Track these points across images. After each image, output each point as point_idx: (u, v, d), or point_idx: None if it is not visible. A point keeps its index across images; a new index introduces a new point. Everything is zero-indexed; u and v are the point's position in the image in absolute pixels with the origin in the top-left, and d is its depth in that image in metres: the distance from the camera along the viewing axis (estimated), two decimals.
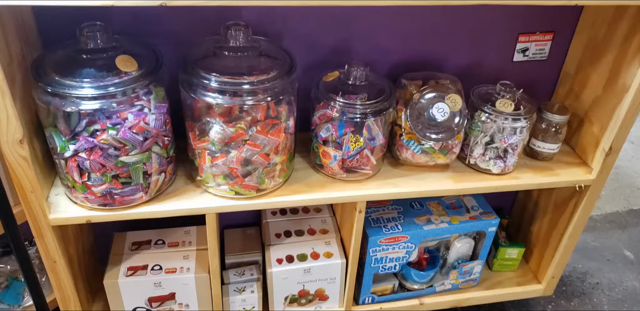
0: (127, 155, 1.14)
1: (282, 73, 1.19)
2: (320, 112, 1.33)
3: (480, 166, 1.45)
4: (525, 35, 1.53)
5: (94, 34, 1.09)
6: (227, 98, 1.14)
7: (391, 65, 1.51)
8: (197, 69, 1.15)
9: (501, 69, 1.58)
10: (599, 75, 1.46)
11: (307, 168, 1.42)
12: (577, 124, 1.56)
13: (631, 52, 1.34)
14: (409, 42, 1.48)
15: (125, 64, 1.09)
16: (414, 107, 1.35)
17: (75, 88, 1.04)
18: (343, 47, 1.45)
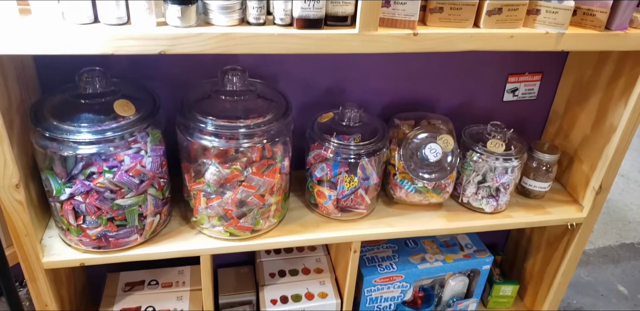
0: (123, 197, 1.14)
1: (278, 116, 1.21)
2: (314, 152, 1.35)
3: (473, 205, 1.47)
4: (514, 75, 1.57)
5: (93, 79, 1.11)
6: (224, 141, 1.16)
7: (384, 105, 1.54)
8: (194, 113, 1.16)
9: (492, 108, 1.61)
10: (587, 115, 1.49)
11: (301, 207, 1.43)
12: (567, 162, 1.59)
13: (617, 93, 1.37)
14: (401, 84, 1.51)
15: (123, 108, 1.10)
16: (407, 147, 1.37)
17: (72, 133, 1.05)
18: (337, 89, 1.48)
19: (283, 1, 1.02)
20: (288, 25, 1.05)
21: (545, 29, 1.16)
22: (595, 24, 1.18)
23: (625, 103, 1.34)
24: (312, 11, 1.03)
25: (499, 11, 1.13)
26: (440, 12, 1.12)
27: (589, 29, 1.19)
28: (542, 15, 1.15)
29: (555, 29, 1.16)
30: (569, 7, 1.13)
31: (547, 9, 1.15)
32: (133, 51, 0.97)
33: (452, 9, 1.12)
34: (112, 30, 0.96)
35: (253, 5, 1.02)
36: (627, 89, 1.34)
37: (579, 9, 1.18)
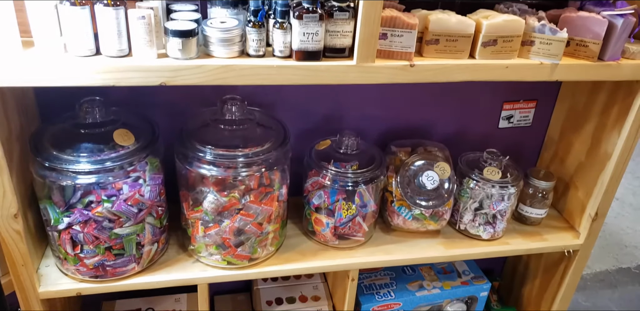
0: (121, 226, 1.14)
1: (276, 144, 1.22)
2: (312, 180, 1.35)
3: (470, 232, 1.47)
4: (509, 103, 1.59)
5: (93, 109, 1.12)
6: (222, 170, 1.16)
7: (380, 132, 1.56)
8: (193, 142, 1.17)
9: (487, 135, 1.63)
10: (582, 142, 1.51)
11: (299, 234, 1.43)
12: (563, 189, 1.60)
13: (611, 122, 1.39)
14: (398, 111, 1.53)
15: (123, 137, 1.11)
16: (404, 175, 1.38)
17: (72, 163, 1.06)
18: (334, 116, 1.50)
19: (282, 34, 1.04)
20: (287, 57, 1.07)
21: (540, 60, 1.18)
22: (589, 55, 1.21)
23: (619, 131, 1.36)
24: (311, 44, 1.05)
25: (494, 42, 1.15)
26: (436, 43, 1.14)
27: (582, 59, 1.21)
28: (536, 46, 1.18)
29: (550, 60, 1.18)
30: (562, 38, 1.16)
31: (541, 41, 1.17)
32: (134, 83, 0.98)
33: (448, 40, 1.14)
34: (114, 62, 0.97)
35: (253, 37, 1.03)
36: (620, 118, 1.35)
37: (572, 40, 1.20)
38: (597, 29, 1.18)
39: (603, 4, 1.26)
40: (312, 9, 1.02)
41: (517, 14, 1.21)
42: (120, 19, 0.95)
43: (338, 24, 1.06)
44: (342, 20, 1.06)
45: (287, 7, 1.03)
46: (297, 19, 1.02)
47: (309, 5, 1.01)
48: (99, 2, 0.93)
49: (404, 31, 1.09)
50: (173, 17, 1.04)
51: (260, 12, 1.03)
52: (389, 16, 1.08)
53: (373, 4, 1.01)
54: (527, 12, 1.23)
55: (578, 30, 1.20)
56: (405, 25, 1.09)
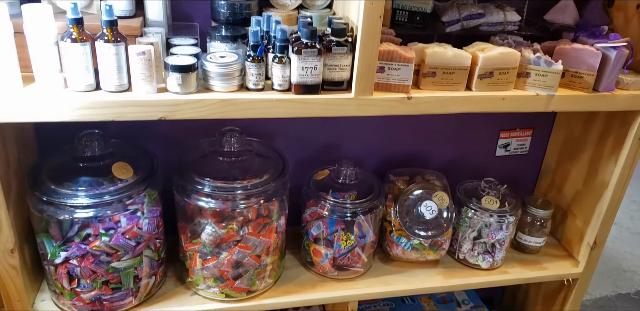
0: (119, 260, 1.13)
1: (275, 175, 1.22)
2: (311, 210, 1.35)
3: (469, 261, 1.46)
4: (506, 131, 1.60)
5: (92, 143, 1.12)
6: (221, 202, 1.16)
7: (378, 161, 1.56)
8: (192, 174, 1.17)
9: (485, 163, 1.63)
10: (579, 170, 1.52)
11: (297, 265, 1.41)
12: (561, 216, 1.60)
13: (607, 151, 1.40)
14: (395, 140, 1.53)
15: (122, 171, 1.11)
16: (403, 204, 1.38)
17: (70, 198, 1.05)
18: (332, 145, 1.50)
19: (281, 68, 1.05)
20: (286, 90, 1.08)
21: (536, 91, 1.20)
22: (583, 86, 1.22)
23: (616, 160, 1.37)
24: (310, 78, 1.06)
25: (490, 75, 1.17)
26: (433, 76, 1.15)
27: (577, 90, 1.23)
28: (532, 78, 1.19)
29: (545, 91, 1.19)
30: (557, 70, 1.17)
31: (536, 72, 1.18)
32: (133, 117, 0.99)
33: (444, 73, 1.15)
34: (114, 97, 0.97)
35: (252, 72, 1.04)
36: (616, 147, 1.36)
37: (567, 71, 1.22)
38: (591, 60, 1.20)
39: (596, 35, 1.28)
40: (310, 44, 1.03)
41: (513, 46, 1.23)
42: (120, 54, 0.95)
43: (336, 58, 1.07)
44: (340, 55, 1.07)
45: (286, 42, 1.04)
46: (296, 54, 1.03)
47: (308, 41, 1.03)
48: (99, 38, 0.94)
49: (401, 65, 1.10)
50: (173, 52, 1.04)
51: (260, 47, 1.04)
52: (386, 50, 1.09)
53: (371, 39, 1.02)
54: (522, 44, 1.25)
55: (573, 61, 1.21)
56: (403, 59, 1.10)
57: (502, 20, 1.30)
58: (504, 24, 1.31)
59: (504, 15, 1.30)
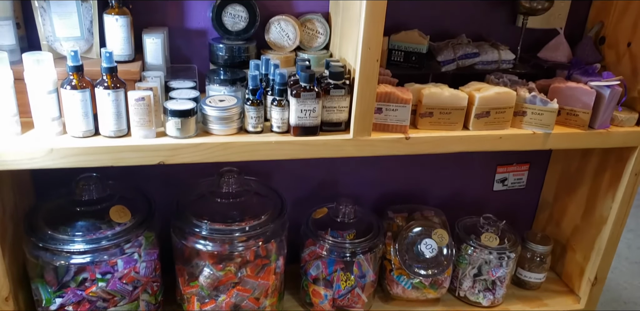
0: (115, 306, 1.11)
1: (274, 216, 1.21)
2: (309, 249, 1.33)
3: (470, 299, 1.45)
4: (503, 166, 1.60)
5: (89, 186, 1.11)
6: (219, 245, 1.15)
7: (377, 197, 1.55)
8: (189, 216, 1.16)
9: (483, 198, 1.63)
10: (577, 204, 1.52)
11: (296, 306, 1.39)
12: (560, 251, 1.59)
13: (604, 185, 1.40)
14: (393, 175, 1.53)
15: (119, 214, 1.10)
16: (402, 242, 1.37)
17: (67, 243, 1.04)
18: (330, 181, 1.50)
19: (280, 111, 1.05)
20: (285, 132, 1.08)
21: (532, 129, 1.20)
22: (579, 124, 1.23)
23: (613, 195, 1.37)
24: (309, 120, 1.06)
25: (487, 114, 1.17)
26: (430, 116, 1.16)
27: (573, 127, 1.24)
28: (528, 116, 1.20)
29: (542, 129, 1.20)
30: (553, 109, 1.18)
31: (532, 111, 1.19)
32: (132, 162, 0.98)
33: (441, 113, 1.16)
34: (113, 142, 0.97)
35: (251, 115, 1.05)
36: (613, 182, 1.37)
37: (563, 109, 1.23)
38: (585, 99, 1.21)
39: (590, 73, 1.29)
40: (309, 87, 1.03)
41: (508, 85, 1.24)
42: (119, 100, 0.96)
43: (334, 100, 1.08)
44: (339, 97, 1.07)
45: (285, 86, 1.05)
46: (295, 97, 1.03)
47: (306, 84, 1.03)
48: (99, 84, 0.94)
49: (398, 106, 1.11)
50: (172, 96, 1.05)
51: (259, 91, 1.04)
52: (384, 92, 1.10)
53: (368, 82, 1.03)
54: (517, 82, 1.26)
55: (568, 100, 1.22)
56: (400, 100, 1.11)
57: (496, 58, 1.32)
58: (498, 62, 1.33)
59: (498, 54, 1.32)
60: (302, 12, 1.26)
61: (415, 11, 1.33)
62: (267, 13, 1.22)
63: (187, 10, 1.19)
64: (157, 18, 1.18)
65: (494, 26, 1.40)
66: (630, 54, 1.32)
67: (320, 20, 1.23)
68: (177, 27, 1.20)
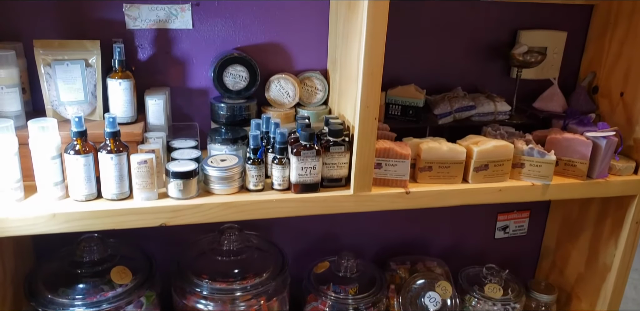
0: None
1: (275, 273, 1.20)
2: (311, 305, 1.32)
3: None
4: (503, 214, 1.60)
5: (91, 248, 1.11)
6: (220, 304, 1.14)
7: (378, 248, 1.55)
8: (190, 275, 1.15)
9: (485, 246, 1.62)
10: (579, 251, 1.51)
11: None
12: (565, 300, 1.57)
13: (606, 232, 1.40)
14: (394, 226, 1.53)
15: (120, 275, 1.09)
16: (406, 296, 1.35)
17: (67, 307, 1.03)
18: (331, 234, 1.49)
19: (281, 169, 1.06)
20: (286, 189, 1.09)
21: (531, 181, 1.21)
22: (577, 174, 1.24)
23: (616, 243, 1.37)
24: (309, 177, 1.07)
25: (485, 167, 1.18)
26: (429, 170, 1.17)
27: (571, 178, 1.25)
28: (526, 168, 1.21)
29: (541, 181, 1.21)
30: (551, 161, 1.19)
31: (530, 163, 1.21)
32: (134, 225, 0.99)
33: (440, 167, 1.17)
34: (115, 205, 0.98)
35: (252, 174, 1.05)
36: (615, 229, 1.37)
37: (560, 160, 1.24)
38: (582, 149, 1.22)
39: (585, 123, 1.31)
40: (309, 145, 1.05)
41: (505, 137, 1.26)
42: (122, 164, 0.97)
43: (334, 157, 1.09)
44: (338, 153, 1.09)
45: (285, 144, 1.06)
46: (296, 156, 1.05)
47: (306, 142, 1.05)
48: (102, 149, 0.96)
49: (397, 161, 1.12)
50: (174, 156, 1.06)
51: (260, 150, 1.06)
52: (383, 147, 1.11)
53: (367, 139, 1.05)
54: (514, 134, 1.28)
55: (565, 150, 1.24)
56: (399, 156, 1.12)
57: (492, 110, 1.34)
58: (494, 113, 1.35)
59: (494, 105, 1.34)
60: (301, 69, 1.29)
61: (410, 66, 1.36)
62: (267, 71, 1.25)
63: (188, 71, 1.22)
64: (159, 78, 1.21)
65: (489, 78, 1.43)
66: (623, 103, 1.35)
67: (319, 78, 1.26)
68: (179, 87, 1.23)
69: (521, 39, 1.39)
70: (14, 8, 1.09)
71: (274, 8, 1.22)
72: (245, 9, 1.20)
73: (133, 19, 1.13)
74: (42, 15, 1.11)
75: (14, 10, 1.09)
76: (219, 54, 1.21)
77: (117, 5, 1.13)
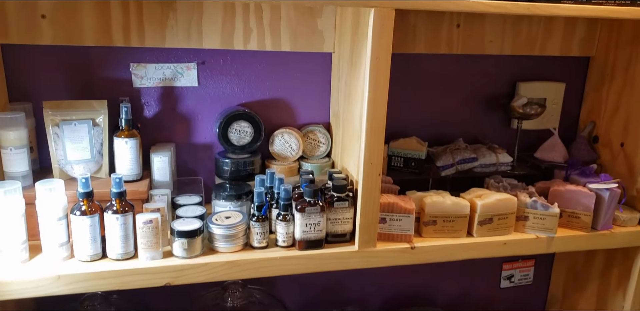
0: None
1: None
2: None
3: None
4: (508, 263, 1.59)
5: (94, 306, 1.10)
6: None
7: (384, 299, 1.53)
8: None
9: (491, 295, 1.60)
10: (587, 301, 1.49)
11: None
12: None
13: (613, 282, 1.39)
14: (400, 278, 1.52)
15: None
16: None
17: None
18: (335, 285, 1.48)
19: (285, 226, 1.06)
20: (290, 246, 1.08)
21: (536, 234, 1.21)
22: (582, 226, 1.24)
23: (624, 293, 1.35)
24: (313, 233, 1.07)
25: (489, 221, 1.18)
26: (434, 224, 1.17)
27: (576, 230, 1.24)
28: (530, 221, 1.21)
29: (545, 233, 1.21)
30: (554, 213, 1.19)
31: (534, 216, 1.21)
32: (139, 285, 0.98)
33: (445, 221, 1.17)
34: (120, 266, 0.97)
35: (257, 231, 1.06)
36: (622, 280, 1.35)
37: (564, 211, 1.24)
38: (586, 201, 1.23)
39: (587, 174, 1.32)
40: (313, 202, 1.05)
41: (508, 189, 1.26)
42: (128, 224, 0.97)
43: (339, 212, 1.09)
44: (343, 209, 1.09)
45: (289, 201, 1.07)
46: (300, 212, 1.05)
47: (311, 199, 1.05)
48: (108, 209, 0.96)
49: (402, 216, 1.12)
50: (178, 214, 1.06)
51: (264, 207, 1.06)
52: (387, 202, 1.12)
53: (371, 195, 1.05)
54: (517, 187, 1.28)
55: (568, 202, 1.24)
56: (403, 211, 1.12)
57: (494, 161, 1.35)
58: (496, 165, 1.36)
59: (496, 157, 1.35)
60: (304, 123, 1.31)
61: (412, 117, 1.38)
62: (271, 125, 1.26)
63: (193, 127, 1.24)
64: (165, 134, 1.22)
65: (490, 128, 1.45)
66: (624, 153, 1.36)
67: (322, 131, 1.28)
68: (184, 142, 1.24)
69: (520, 91, 1.42)
70: (24, 69, 1.12)
71: (277, 65, 1.25)
72: (250, 66, 1.23)
73: (140, 77, 1.16)
74: (51, 76, 1.13)
75: (24, 72, 1.12)
76: (224, 110, 1.23)
77: (124, 64, 1.16)
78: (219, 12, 1.16)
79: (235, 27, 1.17)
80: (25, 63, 1.11)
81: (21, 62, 1.11)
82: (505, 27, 1.35)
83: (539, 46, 1.39)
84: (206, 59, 1.19)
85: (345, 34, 1.15)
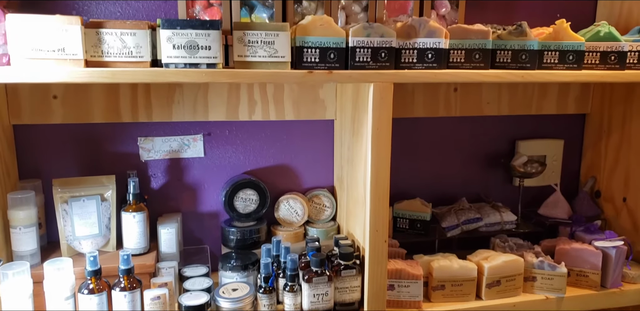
0: None
1: None
2: None
3: None
4: None
5: None
6: None
7: None
8: None
9: None
10: None
11: None
12: None
13: None
14: None
15: None
16: None
17: None
18: None
19: (292, 296, 1.06)
20: None
21: (545, 294, 1.20)
22: (591, 284, 1.23)
23: None
24: (321, 304, 1.06)
25: (497, 283, 1.18)
26: (442, 289, 1.16)
27: (585, 288, 1.24)
28: (538, 281, 1.20)
29: (554, 294, 1.20)
30: (562, 273, 1.19)
31: (542, 276, 1.20)
32: None
33: (453, 285, 1.16)
34: None
35: (264, 303, 1.05)
36: None
37: (572, 270, 1.24)
38: (593, 260, 1.22)
39: (592, 231, 1.32)
40: (320, 271, 1.05)
41: (514, 249, 1.26)
42: (135, 300, 0.97)
43: (346, 280, 1.09)
44: (350, 277, 1.09)
45: (296, 271, 1.07)
46: (307, 282, 1.05)
47: (317, 269, 1.05)
48: (116, 286, 0.96)
49: (410, 282, 1.12)
50: (185, 287, 1.06)
51: (271, 279, 1.06)
52: (394, 269, 1.12)
53: (378, 262, 1.05)
54: (523, 246, 1.29)
55: (575, 261, 1.24)
56: (411, 276, 1.12)
57: (499, 220, 1.36)
58: (501, 224, 1.36)
59: (500, 216, 1.36)
60: (309, 187, 1.32)
61: (414, 178, 1.40)
62: (276, 191, 1.28)
63: (199, 196, 1.25)
64: (172, 205, 1.24)
65: (492, 186, 1.47)
66: (627, 208, 1.37)
67: (327, 195, 1.29)
68: (190, 212, 1.26)
69: (520, 149, 1.44)
70: (35, 147, 1.15)
71: (281, 133, 1.28)
72: (255, 135, 1.26)
73: (147, 150, 1.19)
74: (61, 152, 1.16)
75: (35, 149, 1.15)
76: (230, 178, 1.25)
77: (132, 139, 1.19)
78: (224, 86, 1.20)
79: (240, 99, 1.21)
80: (36, 141, 1.15)
81: (32, 140, 1.14)
82: (502, 90, 1.39)
83: (536, 106, 1.43)
84: (212, 130, 1.22)
85: (346, 102, 1.19)
